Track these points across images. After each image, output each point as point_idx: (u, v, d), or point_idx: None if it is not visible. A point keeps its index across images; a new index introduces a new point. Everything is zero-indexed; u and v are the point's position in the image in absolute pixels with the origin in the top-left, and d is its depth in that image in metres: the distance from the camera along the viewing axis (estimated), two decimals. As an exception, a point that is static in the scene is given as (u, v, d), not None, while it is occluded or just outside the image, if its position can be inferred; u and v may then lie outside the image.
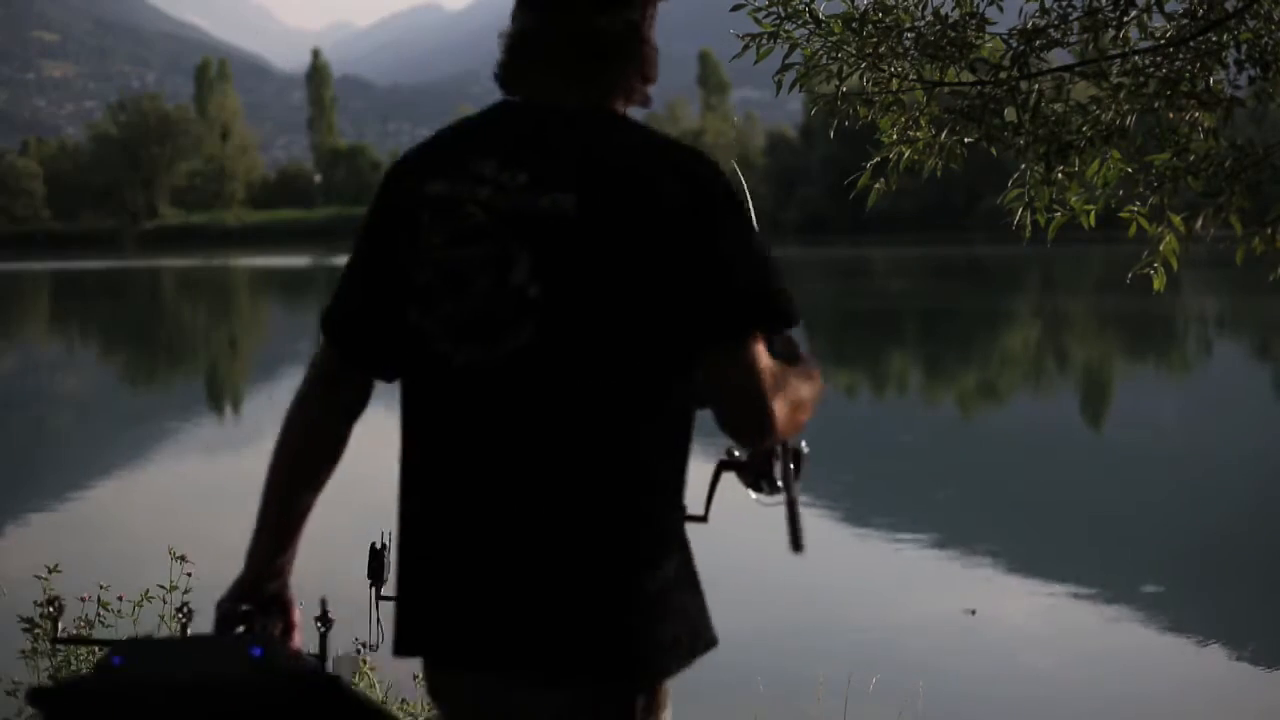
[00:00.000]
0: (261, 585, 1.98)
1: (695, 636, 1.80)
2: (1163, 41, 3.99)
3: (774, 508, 1.94)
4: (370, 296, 1.92)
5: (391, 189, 1.90)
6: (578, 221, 1.72)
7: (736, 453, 2.04)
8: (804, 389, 1.84)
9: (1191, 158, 4.03)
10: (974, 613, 7.07)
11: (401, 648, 1.89)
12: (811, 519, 4.35)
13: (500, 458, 1.79)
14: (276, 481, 2.02)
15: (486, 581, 1.78)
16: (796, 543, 1.77)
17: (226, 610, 1.97)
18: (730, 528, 3.12)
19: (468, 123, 1.90)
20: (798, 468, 1.97)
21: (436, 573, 1.85)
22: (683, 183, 1.74)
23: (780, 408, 1.75)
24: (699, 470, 2.04)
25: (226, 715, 1.81)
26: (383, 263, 1.88)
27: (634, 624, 1.75)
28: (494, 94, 1.91)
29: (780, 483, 1.95)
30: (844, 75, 4.02)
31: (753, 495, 2.02)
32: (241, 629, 1.97)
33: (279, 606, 1.99)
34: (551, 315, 1.73)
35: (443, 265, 1.80)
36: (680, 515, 1.89)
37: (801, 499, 1.88)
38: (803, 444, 1.99)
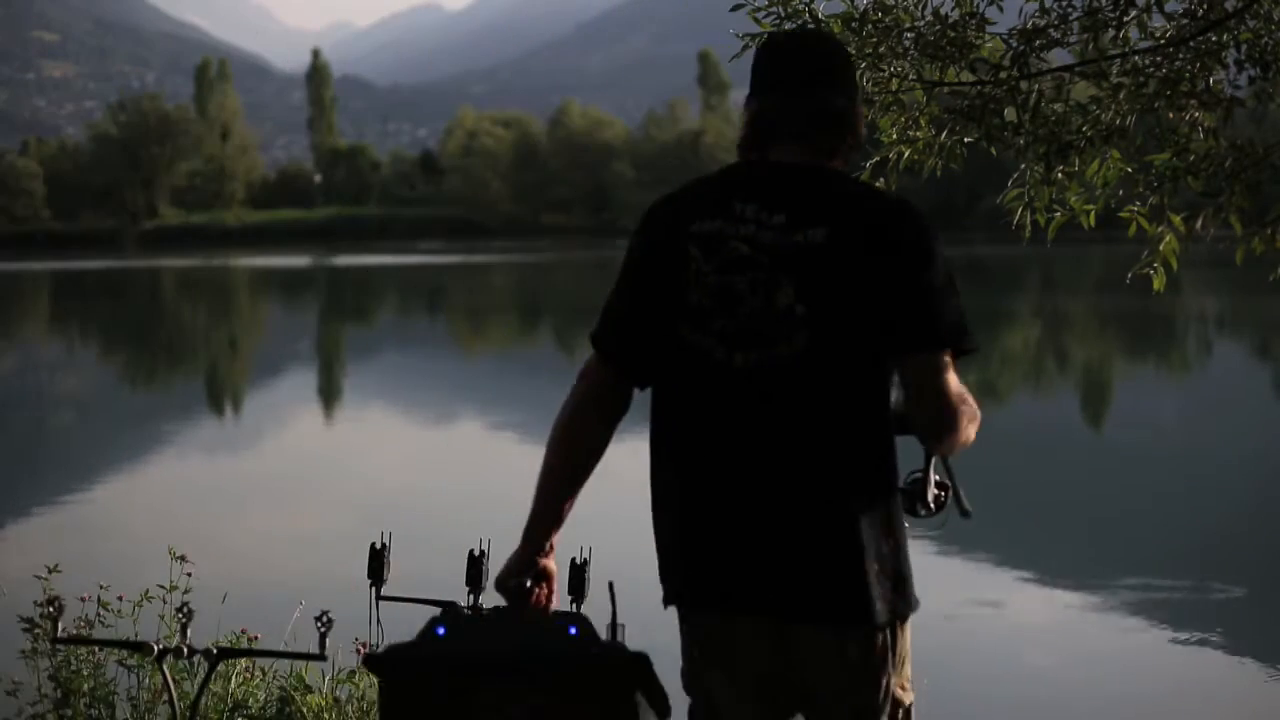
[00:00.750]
0: (536, 562, 2.42)
1: (910, 590, 2.31)
2: (1163, 41, 3.99)
3: None
4: (641, 318, 2.36)
5: (656, 228, 2.39)
6: (827, 251, 2.22)
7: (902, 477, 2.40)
8: (976, 410, 2.32)
9: (1191, 158, 4.03)
10: (986, 605, 7.06)
11: (684, 600, 2.35)
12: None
13: (779, 438, 2.24)
14: (552, 476, 2.46)
15: (771, 542, 2.24)
16: (962, 509, 2.46)
17: (514, 585, 2.36)
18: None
19: (718, 177, 2.39)
20: (942, 493, 2.47)
21: (723, 536, 2.27)
22: (902, 222, 2.24)
23: (961, 413, 2.27)
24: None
25: (549, 683, 2.13)
26: (652, 289, 2.34)
27: (894, 577, 2.26)
28: (494, 94, 1.94)
29: (932, 505, 2.43)
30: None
31: (908, 520, 2.39)
32: (544, 607, 2.38)
33: (546, 576, 2.44)
34: (818, 327, 2.22)
35: (715, 289, 2.27)
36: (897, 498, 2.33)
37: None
38: (953, 485, 2.48)
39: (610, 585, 2.47)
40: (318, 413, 18.30)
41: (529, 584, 2.36)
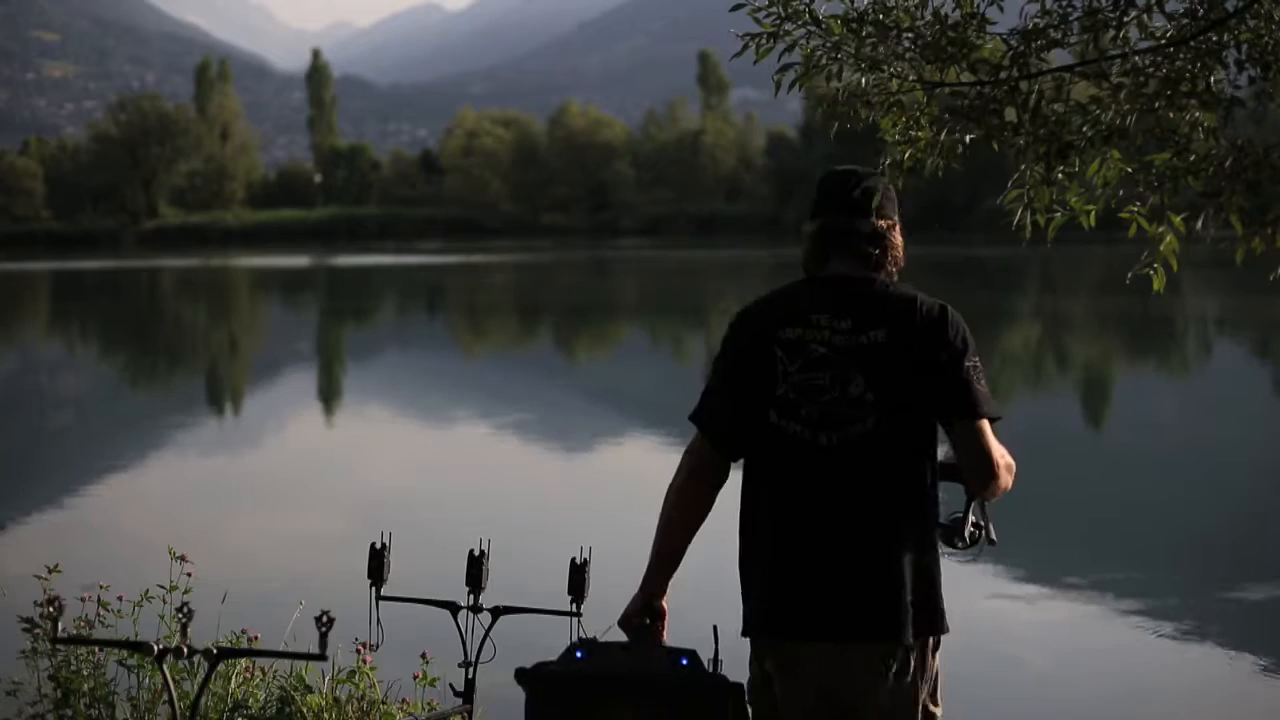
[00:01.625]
0: (654, 604, 3.00)
1: (942, 617, 2.91)
2: (1163, 41, 3.99)
3: None
4: (738, 407, 2.95)
5: (748, 334, 2.98)
6: (888, 348, 2.85)
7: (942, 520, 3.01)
8: (1012, 463, 2.96)
9: (1191, 158, 4.03)
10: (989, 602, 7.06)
11: (763, 632, 2.92)
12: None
13: (850, 500, 2.85)
14: (669, 536, 3.01)
15: (838, 581, 2.83)
16: (989, 538, 3.09)
17: (637, 624, 2.96)
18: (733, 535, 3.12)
19: (794, 290, 3.00)
20: (979, 530, 3.05)
21: (803, 578, 2.86)
22: (945, 323, 2.88)
23: (1000, 466, 2.91)
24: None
25: (663, 701, 2.78)
26: (746, 385, 2.94)
27: (926, 605, 2.86)
28: (494, 94, 1.97)
29: (970, 541, 3.01)
30: (843, 76, 4.01)
31: (946, 552, 2.99)
32: (662, 641, 2.97)
33: (660, 615, 3.01)
34: (884, 410, 2.83)
35: (799, 385, 2.88)
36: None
37: None
38: (986, 522, 3.07)
39: (715, 628, 2.95)
40: (318, 413, 18.31)
41: (649, 622, 2.97)
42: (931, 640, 2.90)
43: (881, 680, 2.83)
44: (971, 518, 3.01)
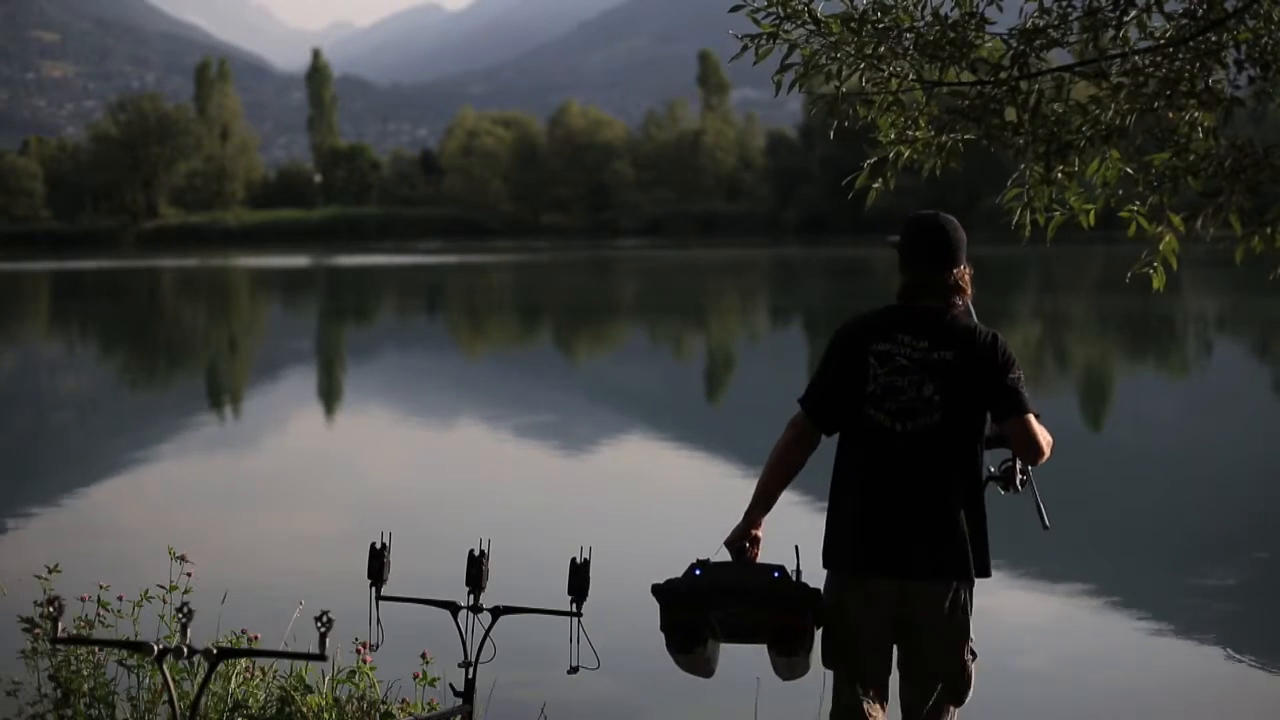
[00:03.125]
0: (752, 532, 3.82)
1: (988, 561, 3.83)
2: (1162, 41, 3.99)
3: None
4: (836, 397, 3.84)
5: (849, 342, 3.86)
6: (955, 364, 3.75)
7: (992, 468, 3.97)
8: (1049, 437, 3.87)
9: (1191, 158, 4.03)
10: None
11: (846, 566, 3.78)
12: (809, 519, 4.41)
13: (919, 473, 3.74)
14: (769, 481, 3.87)
15: (908, 532, 3.72)
16: (1043, 523, 4.17)
17: (738, 546, 3.79)
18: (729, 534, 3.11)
19: (888, 314, 3.87)
20: (1026, 479, 4.02)
21: (880, 530, 3.74)
22: (997, 346, 3.78)
23: (1043, 445, 3.82)
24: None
25: (756, 603, 3.62)
26: (844, 381, 3.82)
27: (975, 554, 3.76)
28: (494, 94, 1.97)
29: (1020, 486, 4.00)
30: (843, 75, 4.01)
31: (1001, 492, 3.99)
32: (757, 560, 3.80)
33: (756, 541, 3.83)
34: (947, 408, 3.74)
35: (885, 385, 3.77)
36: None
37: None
38: (1030, 469, 4.00)
39: (796, 548, 3.70)
40: (318, 413, 18.30)
41: (748, 545, 3.79)
42: (975, 583, 3.79)
43: (941, 612, 3.72)
44: (1018, 466, 3.99)
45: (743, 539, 3.83)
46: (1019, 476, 4.02)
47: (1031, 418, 3.80)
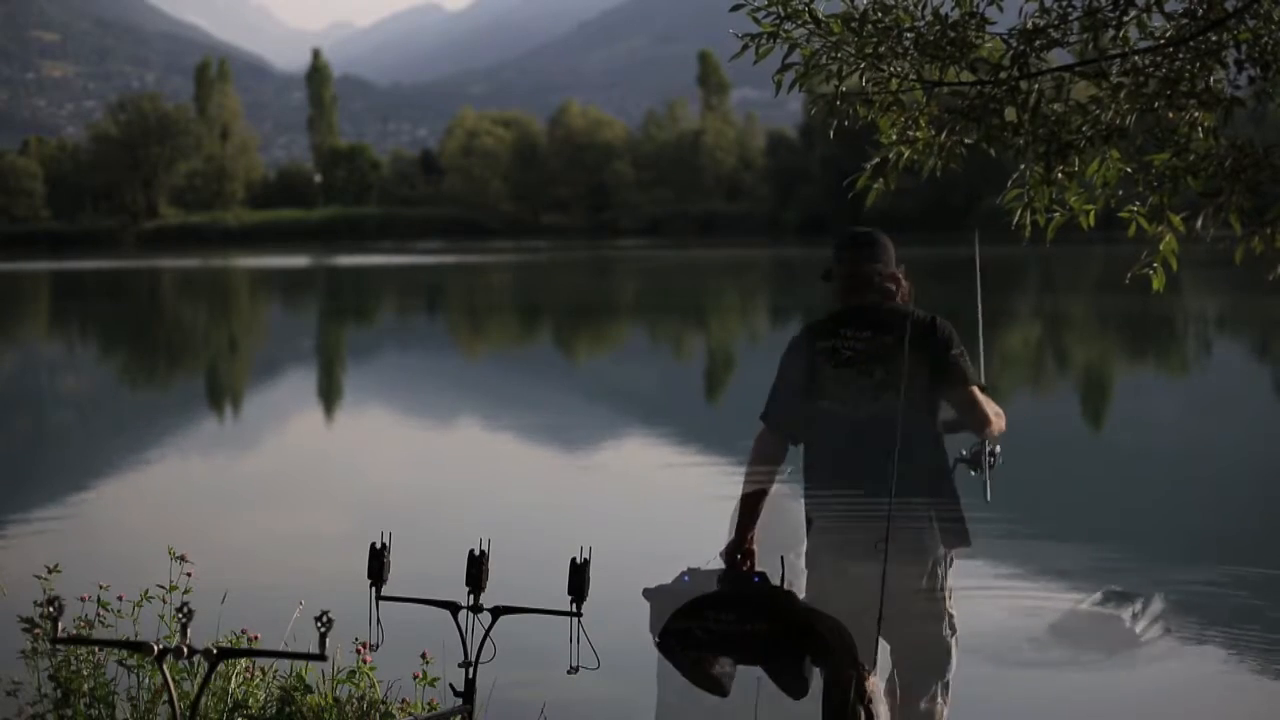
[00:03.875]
0: (743, 547, 4.09)
1: (966, 532, 4.12)
2: (1163, 41, 3.99)
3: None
4: (793, 401, 4.17)
5: (796, 350, 4.21)
6: (898, 349, 3.99)
7: (964, 451, 4.30)
8: (998, 409, 4.20)
9: (1191, 158, 4.03)
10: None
11: (823, 550, 4.09)
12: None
13: (881, 455, 3.90)
14: (750, 500, 4.16)
15: (877, 513, 3.83)
16: (985, 497, 4.26)
17: (732, 560, 4.06)
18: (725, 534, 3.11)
19: (826, 317, 4.21)
20: (993, 458, 4.31)
21: (850, 513, 3.93)
22: (934, 326, 4.09)
23: (991, 415, 4.15)
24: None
25: (743, 608, 3.63)
26: (797, 384, 4.15)
27: (951, 525, 4.04)
28: (494, 94, 1.96)
29: (990, 467, 4.29)
30: (843, 75, 4.01)
31: (972, 473, 4.28)
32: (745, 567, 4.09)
33: (749, 554, 4.10)
34: (897, 390, 3.94)
35: (835, 377, 4.10)
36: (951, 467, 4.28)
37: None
38: (998, 449, 4.32)
39: (782, 559, 3.83)
40: (318, 413, 18.30)
41: (740, 558, 4.11)
42: (954, 552, 4.05)
43: (919, 587, 3.96)
44: (987, 448, 4.24)
45: (739, 550, 4.09)
46: (987, 457, 4.29)
47: (975, 389, 4.08)
